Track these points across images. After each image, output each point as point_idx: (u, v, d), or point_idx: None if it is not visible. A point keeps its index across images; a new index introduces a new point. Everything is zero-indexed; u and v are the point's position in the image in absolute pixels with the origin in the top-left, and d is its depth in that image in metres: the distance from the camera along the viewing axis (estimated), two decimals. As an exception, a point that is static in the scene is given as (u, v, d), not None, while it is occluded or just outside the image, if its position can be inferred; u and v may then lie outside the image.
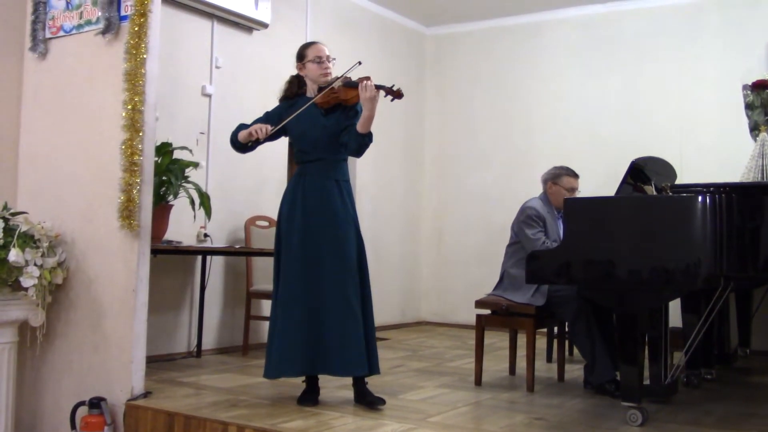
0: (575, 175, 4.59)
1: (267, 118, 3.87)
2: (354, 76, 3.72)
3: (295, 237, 3.67)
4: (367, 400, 3.62)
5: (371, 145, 3.73)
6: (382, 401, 3.61)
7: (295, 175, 3.84)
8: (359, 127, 3.62)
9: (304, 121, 3.73)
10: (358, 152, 3.72)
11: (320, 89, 3.75)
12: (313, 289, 3.61)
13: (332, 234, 3.66)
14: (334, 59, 3.81)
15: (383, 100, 3.62)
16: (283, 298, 3.67)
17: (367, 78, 3.60)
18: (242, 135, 3.79)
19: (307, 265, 3.63)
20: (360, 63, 3.73)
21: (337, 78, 3.74)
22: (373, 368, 3.68)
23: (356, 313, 3.61)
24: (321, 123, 3.72)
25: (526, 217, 4.40)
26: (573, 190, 4.55)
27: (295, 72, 3.86)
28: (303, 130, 3.74)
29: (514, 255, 4.43)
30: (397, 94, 3.58)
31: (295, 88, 3.86)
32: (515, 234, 4.47)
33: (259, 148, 5.76)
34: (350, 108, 3.73)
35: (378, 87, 3.57)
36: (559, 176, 4.56)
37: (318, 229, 3.66)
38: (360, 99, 3.59)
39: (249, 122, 5.52)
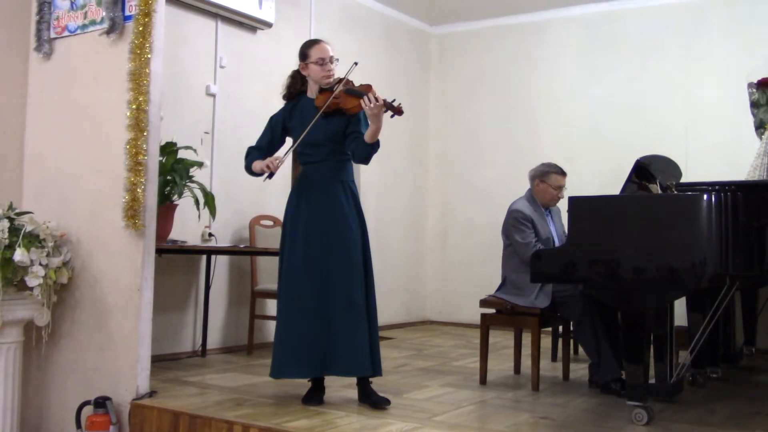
0: (563, 173, 4.58)
1: (271, 126, 3.85)
2: (356, 81, 3.66)
3: (299, 238, 3.66)
4: (371, 400, 3.62)
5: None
6: (387, 401, 3.60)
7: (299, 176, 3.82)
8: (367, 138, 3.58)
9: (306, 122, 3.68)
10: (366, 160, 3.70)
11: (321, 90, 3.72)
12: (317, 290, 3.60)
13: (337, 235, 3.64)
14: (338, 60, 3.74)
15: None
16: (287, 298, 3.66)
17: (369, 87, 3.54)
18: (257, 167, 3.76)
19: (312, 267, 3.62)
20: (356, 64, 3.65)
21: (340, 80, 3.67)
22: (376, 369, 3.66)
23: (361, 313, 3.60)
24: (322, 125, 3.65)
25: (514, 221, 4.38)
26: (560, 188, 4.55)
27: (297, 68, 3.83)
28: (304, 137, 3.67)
29: (511, 260, 4.42)
30: (397, 111, 3.48)
31: (298, 84, 3.82)
32: (507, 238, 4.46)
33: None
34: (352, 114, 3.68)
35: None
36: (548, 174, 4.55)
37: (322, 230, 3.64)
38: (366, 114, 3.51)
39: (250, 121, 5.51)
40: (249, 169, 3.83)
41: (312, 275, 3.61)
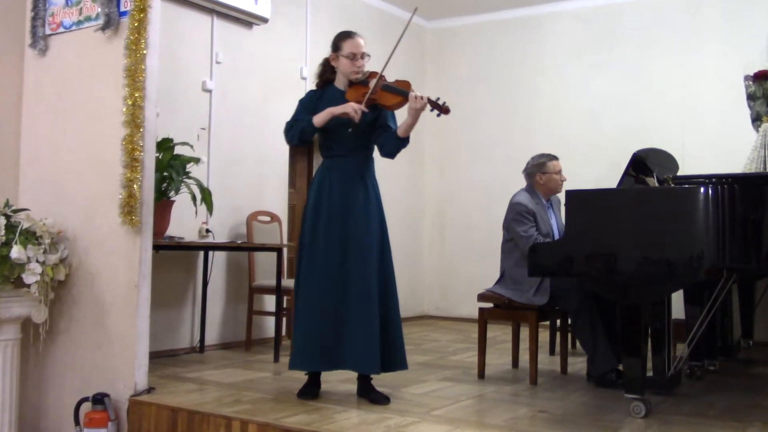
0: (555, 157, 4.63)
1: (305, 106, 3.73)
2: (388, 77, 3.65)
3: (320, 233, 3.62)
4: (370, 397, 3.62)
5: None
6: (387, 399, 3.60)
7: (321, 169, 3.76)
8: (401, 132, 3.61)
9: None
10: (393, 154, 3.72)
11: (351, 84, 3.69)
12: (334, 291, 3.57)
13: (357, 232, 3.61)
14: (369, 56, 3.71)
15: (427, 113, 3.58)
16: (305, 292, 3.63)
17: (408, 84, 3.56)
18: (324, 115, 3.56)
19: (331, 262, 3.59)
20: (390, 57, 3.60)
21: (371, 73, 3.65)
22: (401, 363, 3.67)
23: (375, 310, 3.55)
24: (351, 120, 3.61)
25: (516, 214, 4.38)
26: (560, 171, 4.59)
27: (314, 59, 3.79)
28: (333, 125, 3.62)
29: (511, 253, 4.41)
30: (443, 110, 3.54)
31: (328, 73, 3.77)
32: (507, 231, 4.46)
33: (260, 142, 5.82)
34: (382, 109, 3.67)
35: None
36: (544, 164, 4.57)
37: (343, 226, 3.62)
38: (408, 108, 3.53)
39: (247, 117, 5.48)
40: (302, 133, 3.63)
41: (330, 277, 3.58)
